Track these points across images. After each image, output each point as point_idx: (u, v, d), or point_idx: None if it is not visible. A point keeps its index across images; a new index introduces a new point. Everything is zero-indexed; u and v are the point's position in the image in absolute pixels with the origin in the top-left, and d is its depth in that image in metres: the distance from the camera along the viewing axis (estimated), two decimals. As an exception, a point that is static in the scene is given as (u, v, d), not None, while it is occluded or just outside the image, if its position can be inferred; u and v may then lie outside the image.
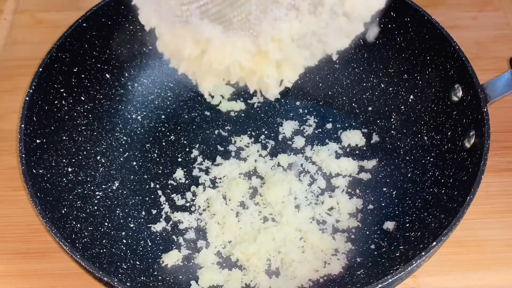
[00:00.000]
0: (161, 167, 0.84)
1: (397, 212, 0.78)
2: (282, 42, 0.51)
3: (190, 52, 0.52)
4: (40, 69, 0.75)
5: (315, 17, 0.50)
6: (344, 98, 0.90)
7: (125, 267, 0.72)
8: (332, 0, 0.49)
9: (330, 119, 0.88)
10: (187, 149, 0.86)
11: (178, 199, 0.81)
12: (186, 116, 0.89)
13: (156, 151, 0.85)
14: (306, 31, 0.51)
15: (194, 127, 0.88)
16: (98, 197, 0.78)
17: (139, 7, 0.56)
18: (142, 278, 0.73)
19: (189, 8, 0.50)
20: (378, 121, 0.87)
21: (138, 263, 0.74)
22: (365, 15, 0.53)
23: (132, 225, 0.78)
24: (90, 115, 0.82)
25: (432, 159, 0.79)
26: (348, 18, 0.52)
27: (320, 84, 0.91)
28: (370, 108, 0.88)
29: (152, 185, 0.82)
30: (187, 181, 0.83)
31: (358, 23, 0.53)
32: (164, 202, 0.81)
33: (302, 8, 0.49)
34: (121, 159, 0.84)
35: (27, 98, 0.73)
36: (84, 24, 0.80)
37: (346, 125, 0.87)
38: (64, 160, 0.77)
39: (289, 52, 0.52)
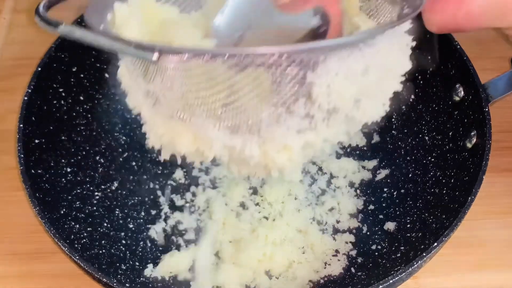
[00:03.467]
0: (160, 168, 0.84)
1: (398, 213, 0.78)
2: (292, 152, 0.49)
3: (184, 149, 0.49)
4: (39, 69, 0.75)
5: (328, 125, 0.49)
6: (345, 98, 0.89)
7: (124, 268, 0.72)
8: (348, 106, 0.48)
9: (331, 119, 0.88)
10: (187, 149, 0.85)
11: (178, 200, 0.81)
12: (185, 116, 0.88)
13: (156, 151, 0.85)
14: (317, 140, 0.49)
15: (193, 127, 0.88)
16: (97, 197, 0.78)
17: (127, 92, 0.51)
18: (141, 279, 0.72)
19: (194, 110, 0.46)
20: (378, 121, 0.86)
21: (137, 263, 0.74)
22: (373, 119, 0.52)
23: (131, 226, 0.78)
24: (89, 115, 0.82)
25: (433, 159, 0.78)
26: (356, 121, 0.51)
27: (321, 84, 0.90)
28: (370, 108, 0.87)
29: (151, 185, 0.82)
30: (186, 182, 0.82)
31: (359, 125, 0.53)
32: (164, 202, 0.81)
33: (316, 117, 0.47)
34: (120, 159, 0.83)
35: (25, 98, 0.73)
36: (84, 24, 0.80)
37: (347, 125, 0.87)
38: (63, 160, 0.77)
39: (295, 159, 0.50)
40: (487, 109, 0.71)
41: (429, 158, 0.79)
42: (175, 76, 0.45)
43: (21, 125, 0.72)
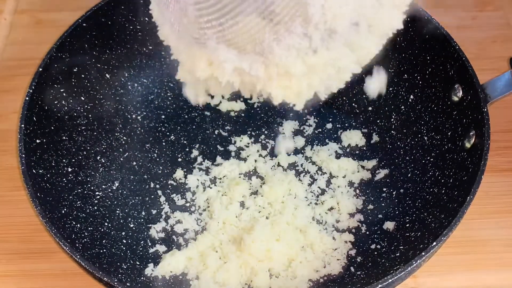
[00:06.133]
0: (161, 167, 0.84)
1: (397, 212, 0.78)
2: (294, 77, 0.52)
3: (201, 73, 0.54)
4: (40, 69, 0.75)
5: (328, 47, 0.52)
6: (344, 98, 0.89)
7: (125, 267, 0.72)
8: (344, 27, 0.50)
9: (330, 119, 0.88)
10: (187, 149, 0.86)
11: (178, 199, 0.81)
12: (186, 116, 0.89)
13: (156, 151, 0.85)
14: (318, 62, 0.52)
15: (194, 127, 0.88)
16: (98, 197, 0.78)
17: (158, 25, 0.58)
18: (142, 278, 0.73)
19: (207, 32, 0.51)
20: (378, 121, 0.87)
21: (138, 263, 0.74)
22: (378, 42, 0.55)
23: (132, 225, 0.78)
24: (90, 115, 0.82)
25: (432, 159, 0.79)
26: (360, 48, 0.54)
27: (320, 84, 0.90)
28: (370, 108, 0.88)
29: (152, 185, 0.82)
30: (186, 181, 0.83)
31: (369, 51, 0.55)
32: (164, 202, 0.81)
33: (314, 36, 0.50)
34: (121, 159, 0.84)
35: (27, 98, 0.73)
36: (84, 24, 0.80)
37: (346, 125, 0.87)
38: (64, 160, 0.77)
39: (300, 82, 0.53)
40: (485, 109, 0.71)
41: (428, 158, 0.79)
42: (187, 1, 0.52)
43: (23, 125, 0.72)
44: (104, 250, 0.72)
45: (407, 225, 0.76)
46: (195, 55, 0.54)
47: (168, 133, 0.87)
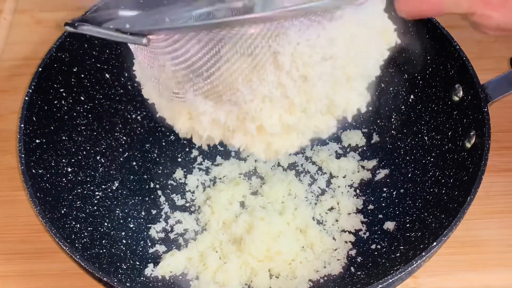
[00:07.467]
0: (161, 167, 0.84)
1: (397, 212, 0.78)
2: (267, 133, 0.53)
3: (181, 127, 0.56)
4: (40, 69, 0.75)
5: (305, 109, 0.52)
6: (344, 98, 0.89)
7: (124, 267, 0.72)
8: (316, 74, 0.51)
9: (330, 119, 0.88)
10: (187, 149, 0.86)
11: (178, 199, 0.81)
12: (186, 116, 0.89)
13: (156, 151, 0.85)
14: (295, 123, 0.53)
15: (194, 127, 0.88)
16: (97, 197, 0.78)
17: (142, 84, 0.60)
18: (142, 278, 0.73)
19: (184, 86, 0.53)
20: (378, 121, 0.87)
21: (137, 263, 0.74)
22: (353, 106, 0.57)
23: (131, 225, 0.78)
24: (89, 115, 0.82)
25: (432, 159, 0.79)
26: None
27: (320, 84, 0.90)
28: (370, 108, 0.87)
29: (152, 185, 0.82)
30: (186, 181, 0.83)
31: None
32: (164, 202, 0.81)
33: (287, 84, 0.50)
34: (121, 159, 0.84)
35: (26, 98, 0.73)
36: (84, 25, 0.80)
37: (346, 125, 0.87)
38: (63, 160, 0.77)
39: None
40: (486, 109, 0.71)
41: (429, 158, 0.79)
42: (164, 58, 0.53)
43: (22, 125, 0.72)
44: (104, 250, 0.72)
45: (407, 225, 0.76)
46: (175, 109, 0.56)
47: (168, 133, 0.87)
